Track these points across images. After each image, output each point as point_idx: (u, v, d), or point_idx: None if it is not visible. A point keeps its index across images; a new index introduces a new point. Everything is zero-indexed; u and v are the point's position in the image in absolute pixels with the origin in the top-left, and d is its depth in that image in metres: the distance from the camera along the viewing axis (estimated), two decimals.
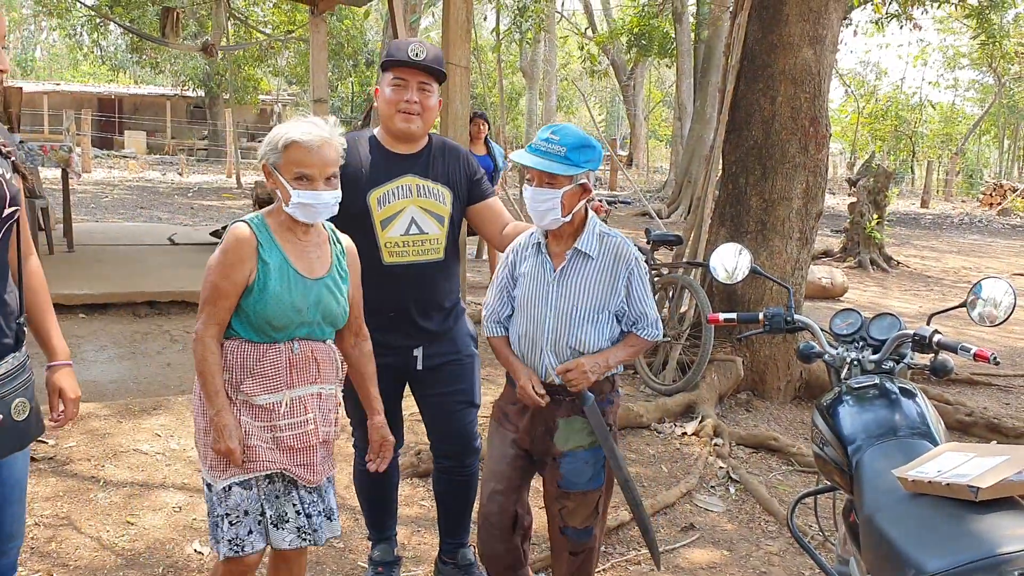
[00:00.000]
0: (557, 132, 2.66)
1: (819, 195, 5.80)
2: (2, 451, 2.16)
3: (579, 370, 2.66)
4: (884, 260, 13.49)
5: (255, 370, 2.41)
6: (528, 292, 2.75)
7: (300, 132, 2.37)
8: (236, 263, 2.38)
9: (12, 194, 2.14)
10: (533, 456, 2.85)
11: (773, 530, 4.12)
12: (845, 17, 17.35)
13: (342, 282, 2.54)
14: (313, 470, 2.50)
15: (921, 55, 36.89)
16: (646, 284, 2.81)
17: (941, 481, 2.04)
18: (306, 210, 2.40)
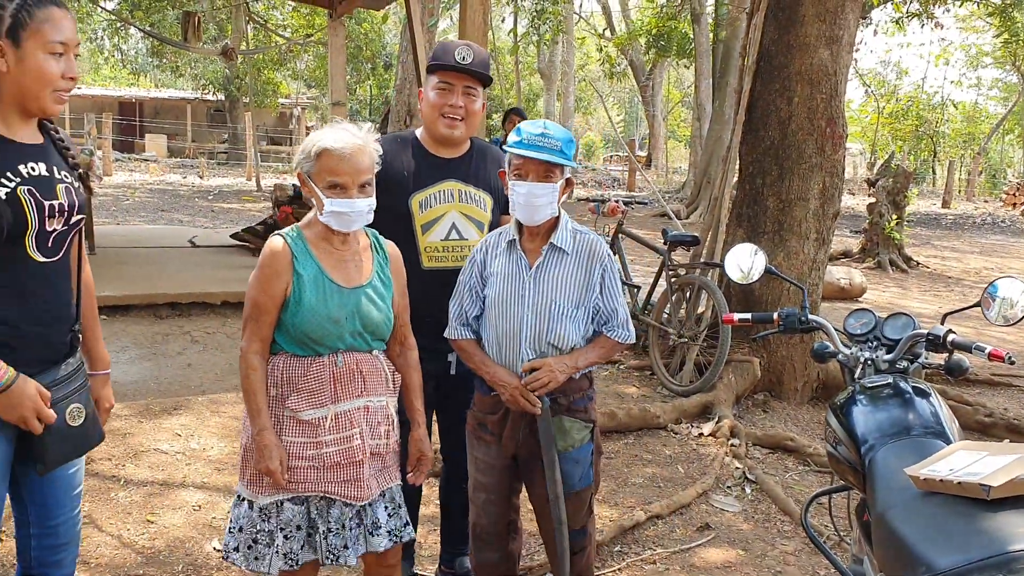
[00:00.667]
0: (549, 127, 2.66)
1: (836, 195, 5.79)
2: (58, 457, 2.18)
3: (547, 369, 2.64)
4: (904, 261, 13.41)
5: (300, 385, 2.39)
6: (502, 290, 2.71)
7: (332, 139, 2.36)
8: (272, 277, 2.38)
9: (80, 202, 2.20)
10: (520, 462, 2.82)
11: (789, 530, 4.12)
12: (864, 17, 17.28)
13: (384, 290, 2.50)
14: (359, 486, 2.43)
15: (943, 54, 36.62)
16: (618, 282, 2.81)
17: (953, 479, 2.05)
18: (340, 218, 2.38)
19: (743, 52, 6.06)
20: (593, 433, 2.84)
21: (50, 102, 2.07)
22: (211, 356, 6.40)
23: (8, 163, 2.03)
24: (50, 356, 2.17)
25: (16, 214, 2.00)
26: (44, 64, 2.03)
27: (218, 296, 7.56)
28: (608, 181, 31.35)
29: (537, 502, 2.88)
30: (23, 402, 2.03)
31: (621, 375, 6.38)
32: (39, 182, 2.08)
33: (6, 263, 2.05)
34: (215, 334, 6.96)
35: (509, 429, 2.76)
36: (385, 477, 2.54)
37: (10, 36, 1.99)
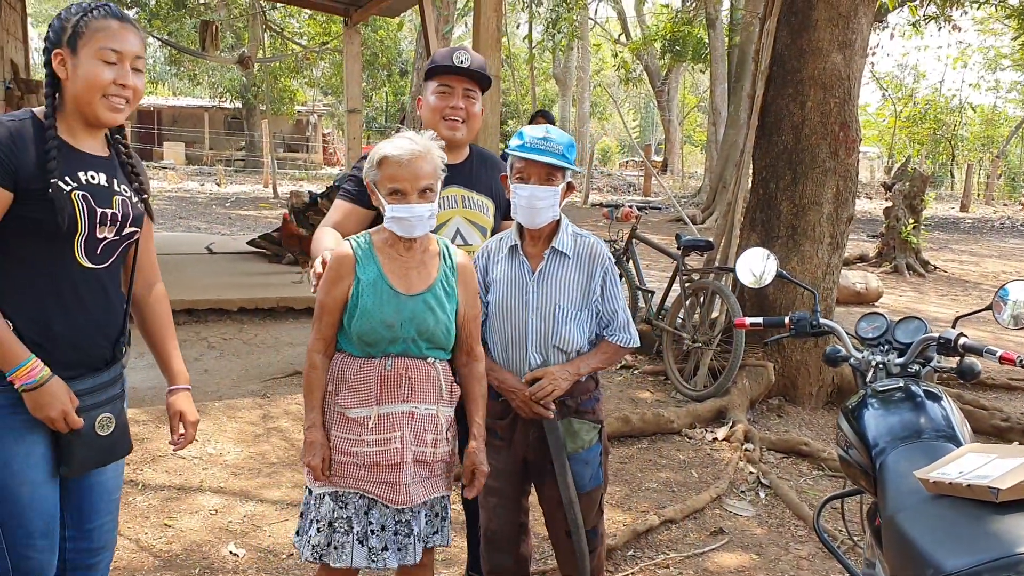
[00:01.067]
0: (551, 131, 2.68)
1: (850, 200, 5.79)
2: (83, 464, 2.23)
3: (550, 378, 2.67)
4: (921, 265, 13.34)
5: (351, 383, 2.45)
6: (506, 295, 2.75)
7: (392, 147, 2.42)
8: (336, 280, 2.45)
9: (135, 215, 2.27)
10: (529, 464, 2.85)
11: (803, 534, 4.11)
12: (881, 20, 17.23)
13: (446, 298, 2.51)
14: (396, 489, 2.46)
15: (961, 57, 36.40)
16: (618, 285, 2.83)
17: (962, 482, 2.05)
18: (401, 224, 2.43)
19: (756, 57, 6.07)
20: (601, 434, 2.86)
21: (102, 109, 2.14)
22: (228, 362, 6.45)
23: (68, 168, 2.12)
24: (84, 362, 2.22)
25: (68, 216, 2.09)
26: (94, 69, 2.10)
27: (235, 303, 7.61)
28: (624, 186, 31.34)
29: (547, 505, 2.90)
30: (52, 402, 2.09)
31: (635, 380, 6.39)
32: (96, 190, 2.17)
33: (51, 264, 2.12)
34: (232, 340, 7.01)
35: (519, 433, 2.79)
36: (432, 486, 2.55)
37: (69, 44, 2.11)
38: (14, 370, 2.05)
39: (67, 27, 2.11)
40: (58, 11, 2.21)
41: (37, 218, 2.07)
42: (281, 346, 6.90)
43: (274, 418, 5.27)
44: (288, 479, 4.41)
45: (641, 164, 31.59)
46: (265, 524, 3.93)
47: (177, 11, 22.56)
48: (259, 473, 4.48)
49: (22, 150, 2.06)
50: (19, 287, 2.10)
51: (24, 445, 2.13)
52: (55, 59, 2.13)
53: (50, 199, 2.06)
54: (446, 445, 2.57)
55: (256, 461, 4.62)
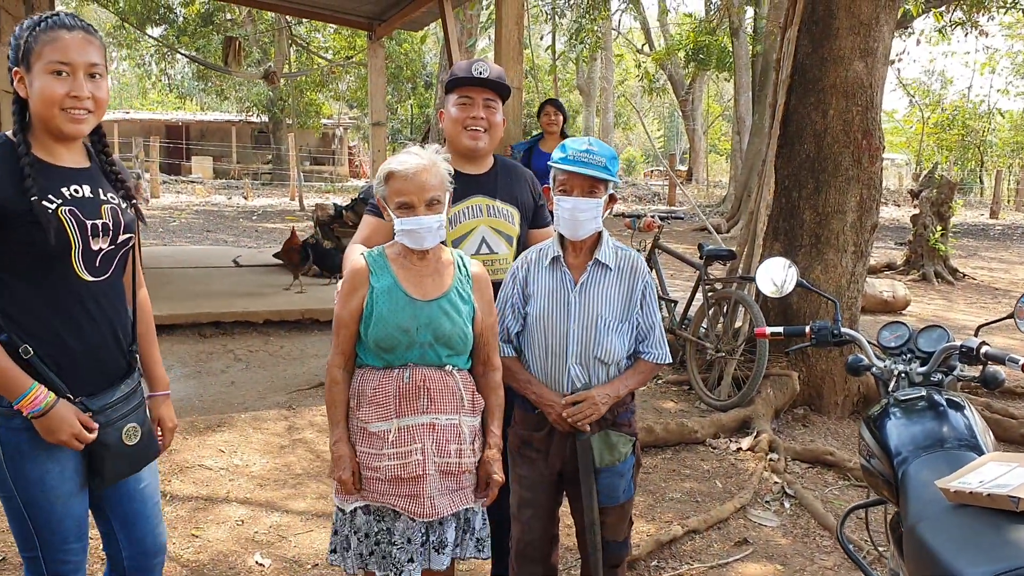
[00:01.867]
0: (594, 144, 2.71)
1: (874, 208, 5.76)
2: (115, 475, 2.27)
3: (590, 402, 2.68)
4: (949, 272, 13.21)
5: (371, 397, 2.49)
6: (546, 306, 2.76)
7: (397, 162, 2.47)
8: (351, 292, 2.51)
9: (127, 222, 2.28)
10: (564, 476, 2.86)
11: (828, 545, 4.09)
12: (907, 26, 17.13)
13: (462, 303, 2.55)
14: (419, 502, 2.48)
15: (988, 62, 36.06)
16: (656, 300, 2.86)
17: (983, 492, 2.05)
18: (411, 236, 2.48)
19: (777, 66, 6.06)
20: (635, 446, 2.88)
21: (63, 122, 2.12)
22: (254, 374, 6.51)
23: (50, 185, 2.11)
24: (104, 376, 2.25)
25: (58, 233, 2.08)
26: (46, 84, 2.08)
27: (261, 315, 7.69)
28: (648, 196, 31.30)
29: (578, 516, 2.91)
30: (61, 426, 2.11)
31: (659, 390, 6.38)
32: (82, 203, 2.16)
33: (54, 282, 2.13)
34: (258, 352, 7.08)
35: (555, 445, 2.80)
36: (460, 498, 2.57)
37: (23, 62, 2.10)
38: (19, 399, 2.07)
39: (20, 44, 2.09)
40: None
41: (28, 240, 2.06)
42: (306, 358, 6.95)
43: (299, 429, 5.31)
44: (313, 490, 4.45)
45: (665, 174, 31.54)
46: (291, 535, 3.96)
47: (205, 27, 22.88)
48: (284, 484, 4.52)
49: (3, 177, 2.05)
50: (28, 309, 2.11)
51: (56, 463, 2.17)
52: (15, 78, 2.12)
53: (38, 220, 2.05)
54: (472, 456, 2.58)
55: (281, 472, 4.66)
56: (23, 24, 2.12)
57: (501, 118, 3.09)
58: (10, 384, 2.07)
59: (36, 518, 2.18)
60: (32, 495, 2.16)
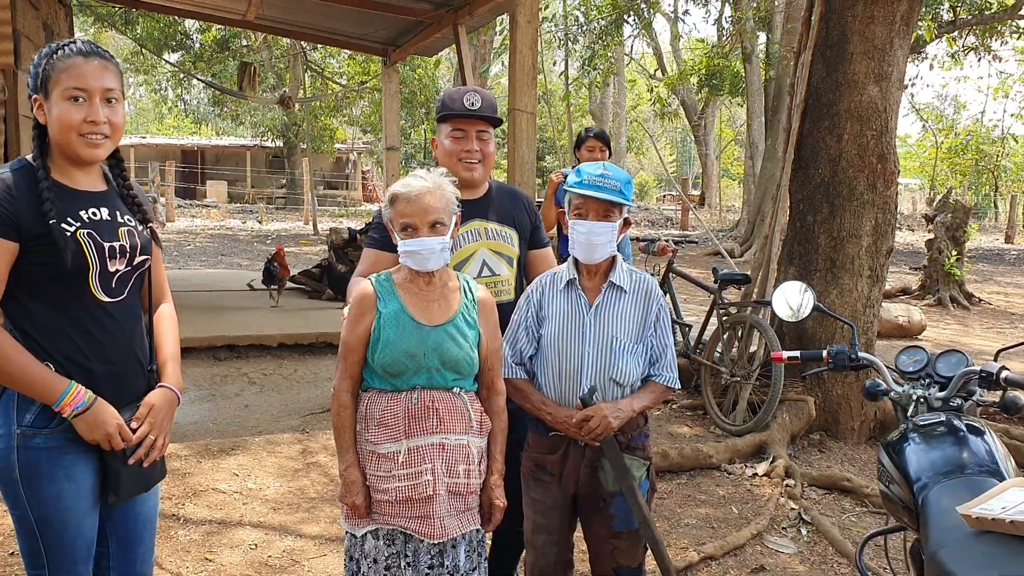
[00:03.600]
0: (609, 168, 2.73)
1: (889, 232, 5.74)
2: (129, 491, 2.29)
3: (599, 417, 2.67)
4: (965, 297, 13.15)
5: (379, 419, 2.50)
6: (561, 329, 2.77)
7: (401, 186, 2.51)
8: (358, 317, 2.53)
9: (143, 244, 2.32)
10: (578, 499, 2.85)
11: (846, 572, 4.05)
12: (919, 51, 17.14)
13: (468, 328, 2.57)
14: (431, 523, 2.49)
15: (1002, 87, 36.02)
16: (669, 324, 2.87)
17: (1005, 518, 2.03)
18: (414, 257, 2.49)
19: (791, 91, 6.07)
20: (649, 471, 2.87)
21: (81, 148, 2.17)
22: (268, 397, 6.52)
23: (69, 208, 2.16)
24: (124, 395, 2.28)
25: (76, 255, 2.13)
26: (64, 110, 2.14)
27: (275, 338, 7.70)
28: (661, 220, 31.30)
29: (593, 541, 2.90)
30: (107, 420, 2.17)
31: (674, 414, 6.34)
32: (100, 225, 2.21)
33: (72, 303, 2.18)
34: (272, 375, 7.09)
35: (570, 468, 2.79)
36: (468, 519, 2.57)
37: (42, 89, 2.16)
38: (61, 399, 2.11)
39: (38, 72, 2.16)
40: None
41: (48, 262, 2.12)
42: (320, 381, 6.96)
43: (313, 453, 5.31)
44: (327, 514, 4.43)
45: (678, 198, 31.55)
46: (304, 559, 3.95)
47: (220, 53, 23.10)
48: (298, 508, 4.51)
49: (20, 200, 2.10)
50: (49, 331, 2.16)
51: (73, 481, 2.20)
52: (34, 105, 2.18)
53: (57, 243, 2.10)
54: (479, 477, 2.60)
55: (295, 496, 4.65)
56: (41, 52, 2.18)
57: (493, 147, 3.14)
58: (48, 387, 2.11)
59: (48, 537, 2.20)
60: (47, 513, 2.18)
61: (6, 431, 2.16)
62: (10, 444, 2.15)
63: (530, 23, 7.05)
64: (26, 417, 2.14)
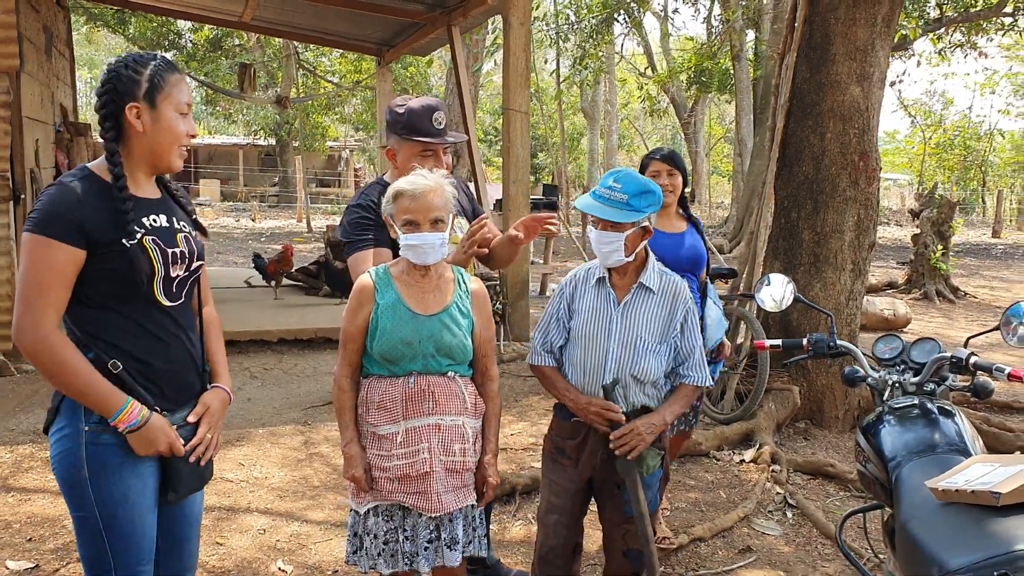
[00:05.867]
0: (619, 180, 2.84)
1: (871, 227, 5.93)
2: (188, 489, 2.37)
3: (634, 433, 2.79)
4: (950, 291, 13.35)
5: (379, 403, 2.67)
6: (589, 323, 2.90)
7: (406, 183, 2.67)
8: (356, 308, 2.70)
9: (199, 249, 2.42)
10: (594, 484, 2.99)
11: (830, 553, 4.23)
12: (906, 48, 17.34)
13: (461, 317, 2.73)
14: (428, 498, 2.65)
15: (988, 83, 36.33)
16: (698, 325, 2.99)
17: (967, 489, 2.21)
18: (415, 251, 2.65)
19: (775, 91, 6.25)
20: (664, 460, 3.01)
21: (175, 159, 2.30)
22: (269, 391, 6.68)
23: (137, 216, 2.23)
24: (184, 395, 2.37)
25: (146, 261, 2.22)
26: (175, 123, 2.26)
27: (275, 334, 7.87)
28: None
29: (607, 525, 3.04)
30: (159, 436, 2.23)
31: None
32: (161, 232, 2.29)
33: (138, 308, 2.25)
34: (272, 370, 7.25)
35: (588, 453, 2.93)
36: (464, 495, 2.74)
37: (147, 99, 2.22)
38: (116, 415, 2.16)
39: (142, 81, 2.20)
40: (113, 62, 2.26)
41: (116, 268, 2.18)
42: (320, 375, 7.12)
43: (315, 444, 5.48)
44: (330, 501, 4.60)
45: None
46: (311, 543, 4.12)
47: (213, 53, 23.20)
48: (303, 496, 4.67)
49: (92, 209, 2.15)
50: (117, 334, 2.22)
51: (139, 479, 2.26)
52: (130, 112, 2.20)
53: (127, 250, 2.17)
54: (474, 455, 2.76)
55: (300, 484, 4.82)
56: (134, 61, 2.23)
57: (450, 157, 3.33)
58: (106, 401, 2.16)
59: (114, 536, 2.24)
60: (113, 512, 2.22)
61: (73, 429, 2.20)
62: (77, 442, 2.19)
63: (523, 25, 7.24)
64: (93, 415, 2.18)
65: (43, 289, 2.12)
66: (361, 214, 3.20)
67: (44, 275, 2.12)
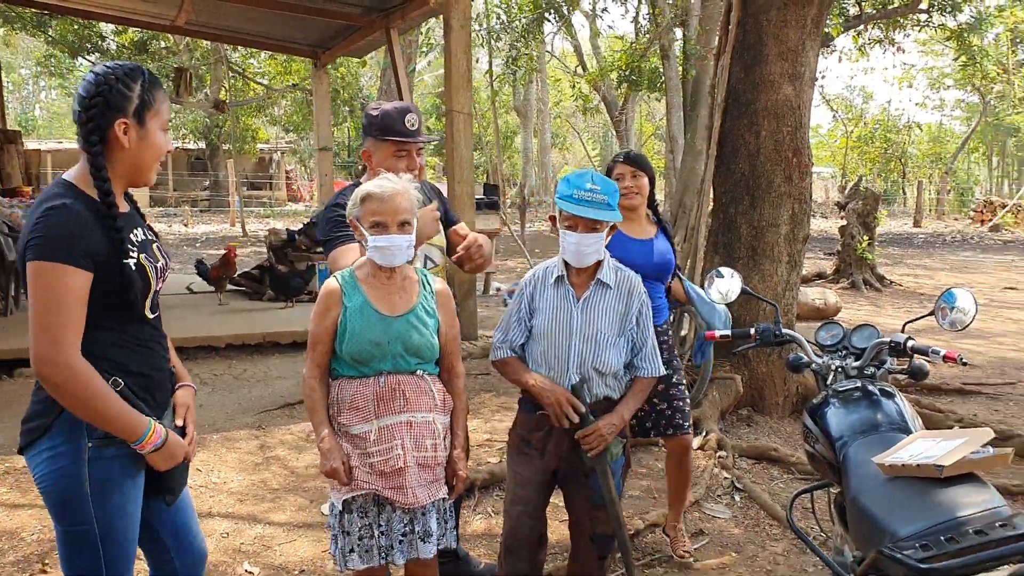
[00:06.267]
0: (597, 182, 2.96)
1: (805, 220, 6.17)
2: (180, 487, 2.42)
3: (597, 434, 2.94)
4: (877, 280, 13.83)
5: (350, 403, 2.74)
6: (550, 320, 3.03)
7: (374, 186, 2.75)
8: (324, 311, 2.76)
9: (167, 260, 2.44)
10: (559, 474, 3.11)
11: (777, 533, 4.42)
12: (828, 45, 17.85)
13: (428, 317, 2.82)
14: (404, 492, 2.71)
15: (906, 77, 37.53)
16: (651, 317, 3.14)
17: (912, 463, 2.39)
18: (382, 253, 2.74)
19: (711, 91, 6.46)
20: (625, 448, 3.15)
21: (152, 173, 2.31)
22: (220, 397, 6.66)
23: (127, 233, 2.23)
24: (167, 398, 2.42)
25: (143, 278, 2.25)
26: (160, 140, 2.28)
27: (222, 339, 7.82)
28: None
29: (575, 513, 3.17)
30: (178, 450, 2.30)
31: None
32: (144, 246, 2.30)
33: (132, 323, 2.27)
34: (222, 376, 7.22)
35: (553, 444, 3.05)
36: (436, 488, 2.83)
37: (136, 116, 2.21)
38: (142, 438, 2.19)
39: (132, 97, 2.19)
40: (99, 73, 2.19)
41: (115, 287, 2.18)
42: (271, 380, 7.12)
43: (271, 448, 5.50)
44: (292, 503, 4.64)
45: None
46: (275, 544, 4.16)
47: (139, 55, 22.72)
48: (263, 499, 4.71)
49: (91, 230, 2.13)
50: (114, 351, 2.22)
51: (136, 488, 2.29)
52: (119, 128, 2.18)
53: (126, 270, 2.18)
54: (445, 450, 2.86)
55: (259, 488, 4.85)
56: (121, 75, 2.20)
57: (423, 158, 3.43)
58: (132, 427, 2.18)
59: (110, 548, 2.25)
60: (112, 524, 2.23)
61: (72, 446, 2.17)
62: (80, 458, 2.17)
63: (463, 27, 7.33)
64: (97, 430, 2.18)
65: (64, 318, 2.08)
66: (340, 212, 3.24)
67: (62, 303, 2.08)
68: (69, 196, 2.15)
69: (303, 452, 5.41)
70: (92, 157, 2.18)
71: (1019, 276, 15.99)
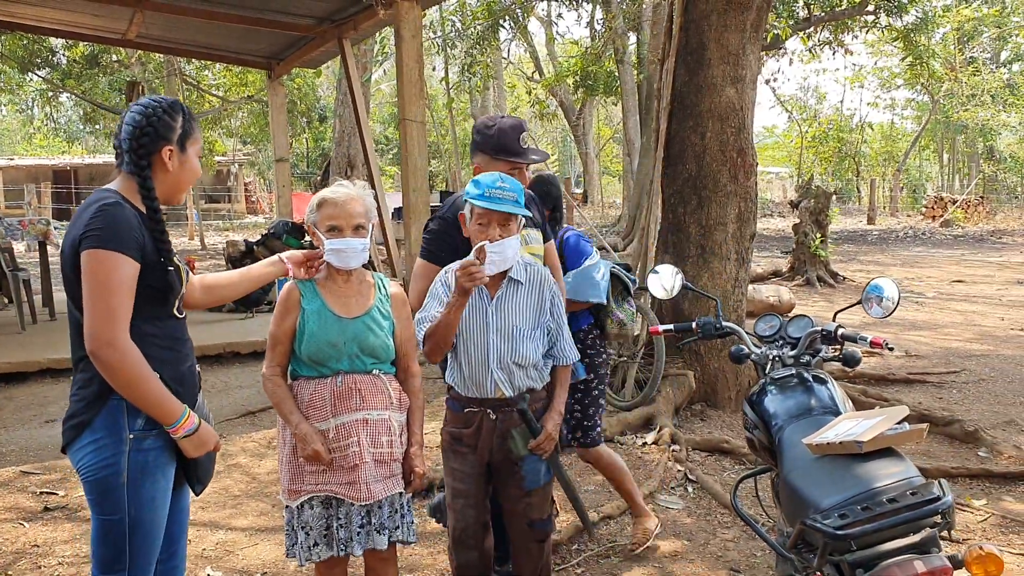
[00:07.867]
0: (505, 180, 3.05)
1: (752, 219, 6.35)
2: (207, 478, 2.60)
3: (549, 439, 3.11)
4: (831, 276, 14.12)
5: (308, 402, 2.86)
6: (467, 320, 3.10)
7: (330, 191, 2.88)
8: (283, 314, 2.88)
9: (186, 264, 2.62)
10: (491, 466, 3.22)
11: (728, 521, 4.58)
12: (779, 47, 18.19)
13: (383, 319, 2.94)
14: (357, 488, 2.83)
15: (856, 78, 38.14)
16: (563, 306, 3.27)
17: (836, 441, 2.54)
18: (338, 255, 2.85)
19: (658, 94, 6.63)
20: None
21: (184, 193, 2.58)
22: None
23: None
24: (195, 395, 2.57)
25: (178, 281, 2.47)
26: (196, 164, 2.55)
27: None
28: None
29: (508, 503, 3.27)
30: (210, 437, 2.49)
31: None
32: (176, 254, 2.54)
33: (166, 320, 2.48)
34: None
35: (484, 440, 3.14)
36: (392, 484, 2.94)
37: (179, 142, 2.49)
38: (176, 423, 2.36)
39: (176, 127, 2.47)
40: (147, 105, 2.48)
41: (156, 285, 2.39)
42: (231, 389, 7.16)
43: (232, 455, 5.55)
44: (253, 508, 4.71)
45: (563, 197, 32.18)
46: (238, 549, 4.23)
47: (91, 69, 22.52)
48: (225, 506, 4.76)
49: (140, 231, 2.37)
50: (152, 344, 2.39)
51: (167, 480, 2.46)
52: (165, 153, 2.45)
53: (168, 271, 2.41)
54: (401, 447, 2.98)
55: (220, 495, 4.91)
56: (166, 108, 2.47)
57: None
58: (169, 411, 2.35)
59: (138, 538, 2.40)
60: (144, 514, 2.39)
61: (114, 438, 2.35)
62: (120, 450, 2.34)
63: (415, 37, 7.43)
64: (138, 421, 2.36)
65: (118, 301, 2.28)
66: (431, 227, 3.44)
67: (117, 288, 2.28)
68: (119, 201, 2.38)
69: (264, 459, 5.47)
70: (142, 180, 2.43)
71: (968, 270, 16.39)
